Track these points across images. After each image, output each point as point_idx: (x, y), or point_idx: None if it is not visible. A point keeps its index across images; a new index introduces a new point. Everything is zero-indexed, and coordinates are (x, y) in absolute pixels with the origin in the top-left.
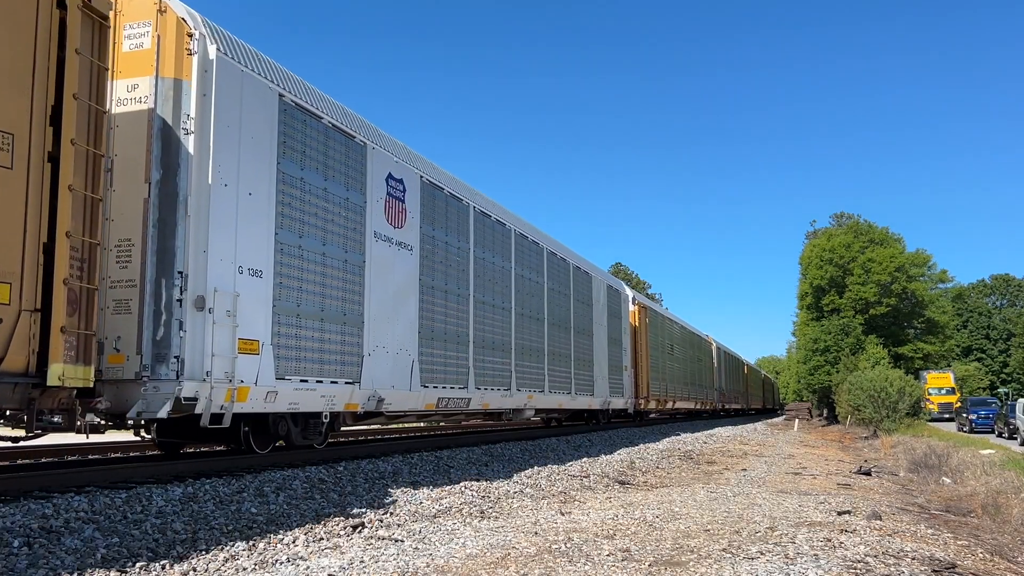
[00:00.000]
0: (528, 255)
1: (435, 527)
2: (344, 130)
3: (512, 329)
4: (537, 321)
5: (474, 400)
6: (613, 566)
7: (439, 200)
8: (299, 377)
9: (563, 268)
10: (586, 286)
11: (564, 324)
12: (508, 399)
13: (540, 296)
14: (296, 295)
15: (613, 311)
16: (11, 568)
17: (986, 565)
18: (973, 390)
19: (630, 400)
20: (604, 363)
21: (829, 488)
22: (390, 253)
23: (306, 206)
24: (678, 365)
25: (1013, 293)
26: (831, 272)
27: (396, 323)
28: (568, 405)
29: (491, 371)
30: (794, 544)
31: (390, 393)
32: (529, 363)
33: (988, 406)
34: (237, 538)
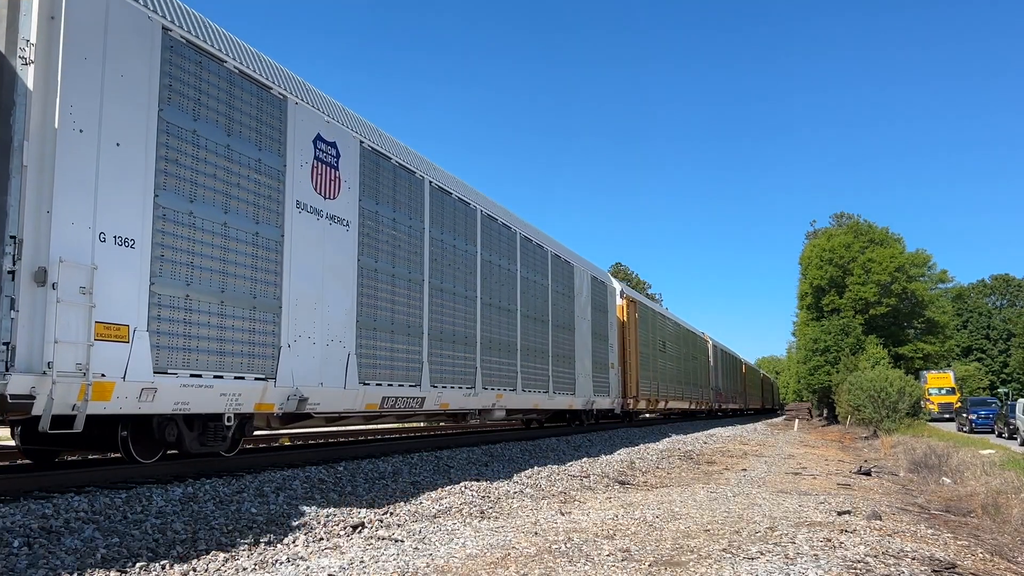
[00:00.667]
0: (497, 239)
1: (435, 527)
2: (256, 79)
3: (477, 321)
4: (508, 313)
5: (430, 399)
6: (613, 566)
7: (385, 171)
8: (189, 371)
9: (540, 256)
10: (567, 276)
11: (541, 317)
12: (472, 399)
13: (512, 285)
14: (185, 272)
15: (598, 304)
16: (11, 568)
17: (986, 565)
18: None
19: (617, 400)
20: (587, 360)
21: (829, 488)
22: (318, 228)
23: (201, 165)
24: (671, 363)
25: (1013, 293)
26: (831, 272)
27: (326, 310)
28: (545, 405)
29: (451, 367)
30: (794, 544)
31: (317, 391)
32: (498, 359)
33: (988, 406)
34: (237, 538)
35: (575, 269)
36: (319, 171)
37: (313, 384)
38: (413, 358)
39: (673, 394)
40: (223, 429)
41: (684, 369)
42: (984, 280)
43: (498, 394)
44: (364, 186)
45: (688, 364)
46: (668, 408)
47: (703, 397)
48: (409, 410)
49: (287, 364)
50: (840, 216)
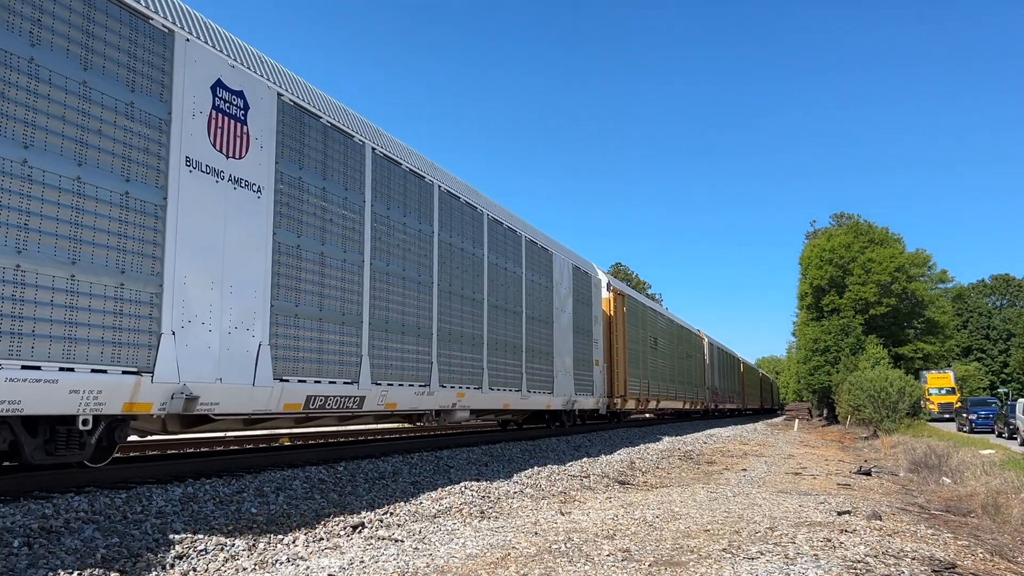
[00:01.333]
0: (459, 220)
1: (435, 527)
2: (128, 4)
3: (434, 310)
4: (473, 302)
5: (372, 399)
6: (613, 566)
7: (312, 131)
8: (20, 362)
9: (512, 240)
10: (544, 264)
11: (513, 308)
12: (426, 398)
13: (477, 272)
14: (16, 236)
15: (581, 297)
16: (11, 568)
17: (986, 565)
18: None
19: (603, 399)
20: (568, 356)
21: (829, 488)
22: (218, 192)
23: (41, 103)
24: (663, 361)
25: (1013, 293)
26: (831, 272)
27: (228, 291)
28: (518, 405)
29: (400, 362)
30: (794, 544)
31: (214, 389)
32: (460, 353)
33: (988, 406)
34: (237, 538)
35: (554, 257)
36: (220, 124)
37: (208, 380)
38: (349, 351)
39: (666, 393)
40: (79, 435)
41: (678, 367)
42: (984, 280)
43: (459, 392)
44: (283, 147)
45: (682, 362)
46: (660, 408)
47: (698, 397)
48: (344, 411)
49: (170, 355)
50: (840, 216)
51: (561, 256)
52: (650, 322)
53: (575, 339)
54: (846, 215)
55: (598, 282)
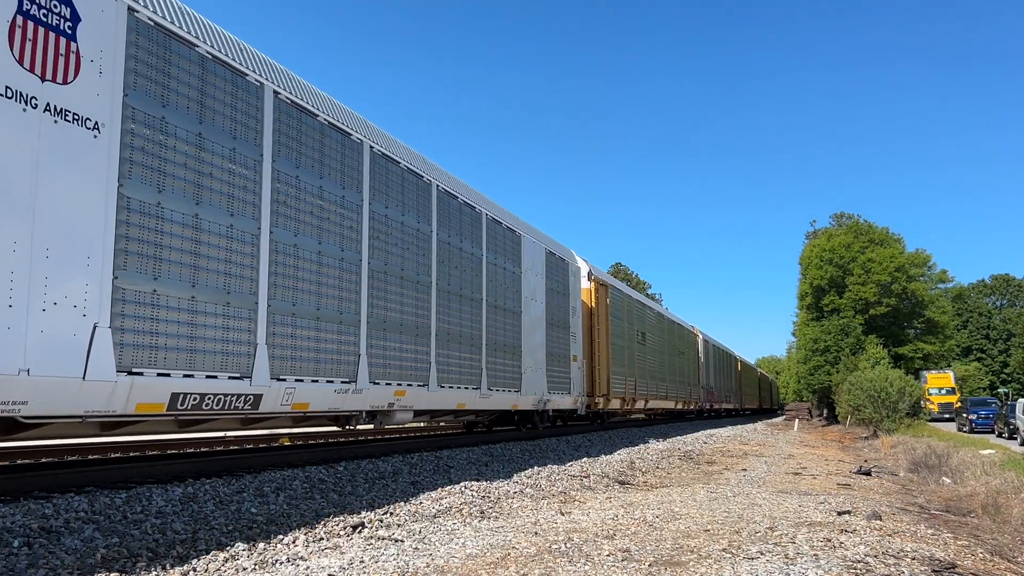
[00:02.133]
0: (399, 189)
1: (435, 527)
2: None
3: (363, 294)
4: (417, 285)
5: (271, 397)
6: (613, 566)
7: (183, 63)
8: None
9: (469, 217)
10: (510, 247)
11: (471, 295)
12: (352, 397)
13: (423, 251)
14: None
15: (557, 286)
16: (11, 568)
17: (986, 565)
18: (973, 390)
19: (581, 399)
20: (540, 351)
21: (829, 488)
22: (24, 123)
23: None
24: (652, 358)
25: (1013, 293)
26: (831, 272)
27: (43, 254)
28: (476, 405)
29: (313, 353)
30: (794, 544)
31: (15, 383)
32: (400, 344)
33: (988, 406)
34: (237, 538)
35: (523, 240)
36: (30, 34)
37: (10, 371)
38: (237, 338)
39: (655, 392)
40: None
41: (669, 365)
42: (984, 280)
43: (398, 390)
44: (136, 75)
45: (674, 359)
46: (649, 408)
47: (692, 396)
48: (232, 412)
49: None
50: (840, 216)
51: (532, 239)
52: (637, 316)
53: (549, 332)
54: (846, 215)
55: (576, 270)
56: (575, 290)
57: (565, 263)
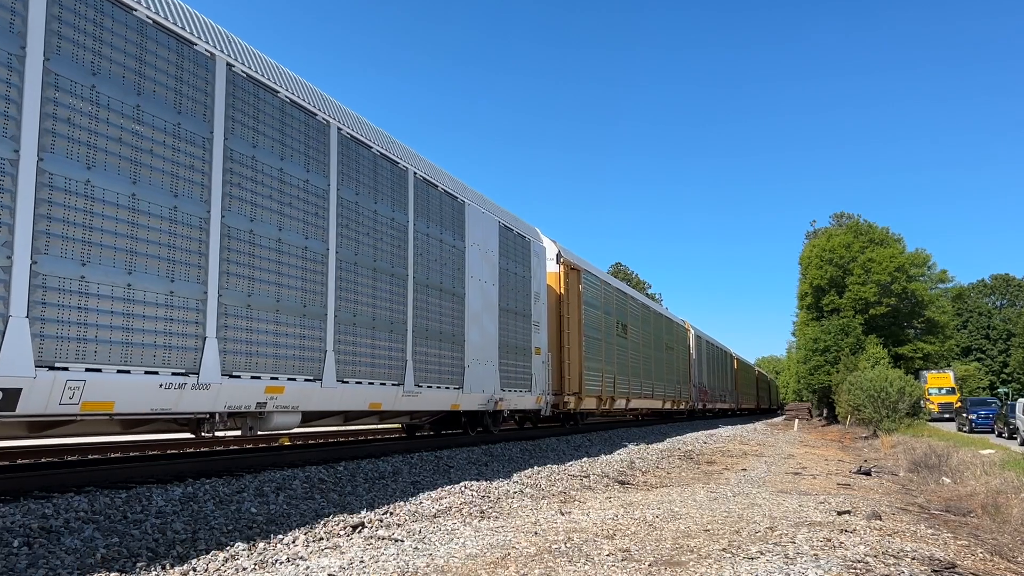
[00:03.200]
0: (278, 129)
1: (435, 527)
2: None
3: (211, 258)
4: (305, 253)
5: (39, 392)
6: (613, 566)
7: (121, 27)
8: None
9: (388, 173)
10: (450, 216)
11: (388, 269)
12: (195, 393)
13: (319, 211)
14: None
15: (515, 268)
16: (11, 568)
17: (986, 565)
18: (973, 390)
19: (547, 397)
20: (491, 342)
21: (829, 488)
22: None
23: None
24: (635, 353)
25: (1013, 293)
26: (831, 272)
27: None
28: (397, 405)
29: (122, 333)
30: (794, 544)
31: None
32: (277, 325)
33: (988, 406)
34: (237, 538)
35: (468, 209)
36: None
37: None
38: None
39: (639, 391)
40: None
41: (655, 360)
42: (984, 280)
43: (272, 386)
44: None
45: (661, 355)
46: (632, 408)
47: (682, 395)
48: None
49: None
50: (840, 216)
51: (480, 209)
52: (617, 305)
53: (504, 320)
54: (846, 215)
55: (541, 251)
56: (539, 273)
57: (526, 241)
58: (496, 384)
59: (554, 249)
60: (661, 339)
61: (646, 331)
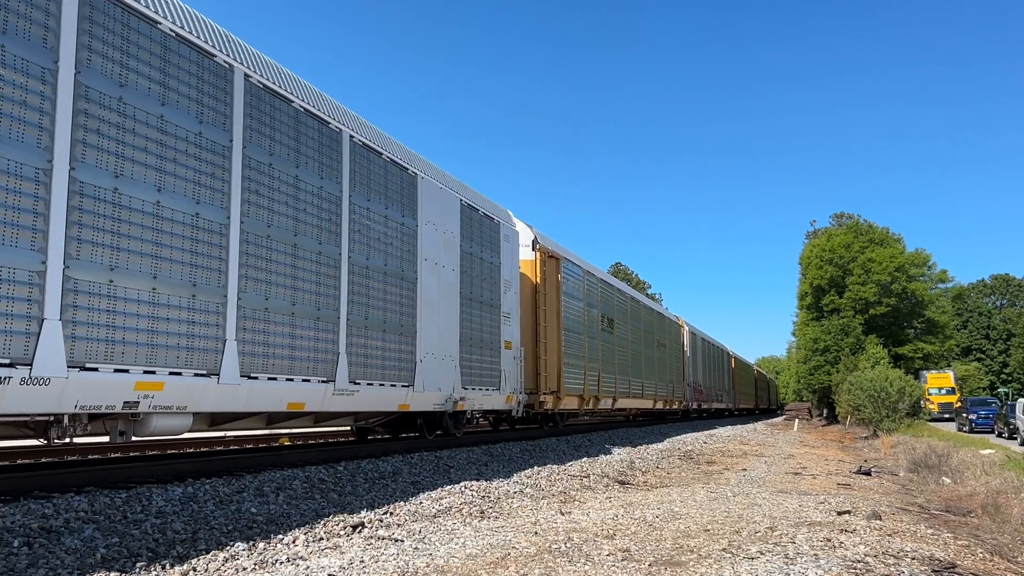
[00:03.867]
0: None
1: (435, 527)
2: None
3: (53, 212)
4: (196, 220)
5: None
6: (613, 566)
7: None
8: None
9: (315, 134)
10: (397, 189)
11: (313, 247)
12: (23, 391)
13: (220, 175)
14: None
15: (481, 253)
16: (11, 568)
17: (986, 565)
18: (973, 390)
19: (519, 396)
20: (450, 334)
21: (829, 488)
22: None
23: None
24: (623, 349)
25: (1013, 293)
26: (831, 272)
27: None
28: (328, 405)
29: None
30: (794, 544)
31: None
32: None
33: (988, 406)
34: (237, 538)
35: (420, 182)
36: None
37: None
38: None
39: (627, 390)
40: None
41: (645, 358)
42: (984, 280)
43: (145, 382)
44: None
45: (652, 352)
46: (619, 409)
47: (675, 395)
48: None
49: None
50: (840, 216)
51: (437, 184)
52: (602, 297)
53: (467, 311)
54: (846, 215)
55: (513, 235)
56: (510, 260)
57: (495, 224)
58: (456, 382)
59: (529, 234)
60: (652, 335)
61: (635, 326)
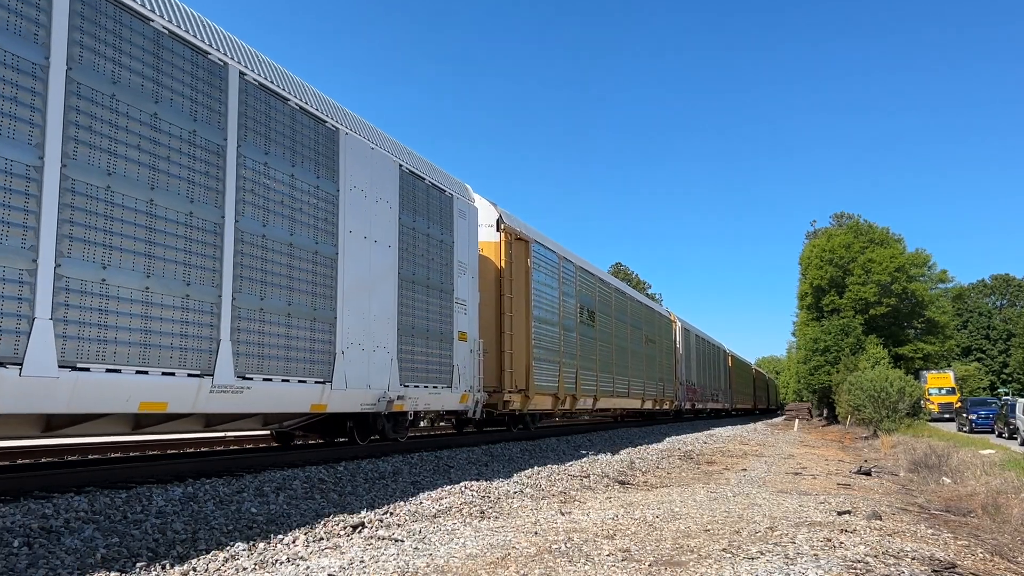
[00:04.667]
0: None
1: (435, 527)
2: None
3: None
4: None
5: None
6: (613, 566)
7: None
8: None
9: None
10: (311, 145)
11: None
12: None
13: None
14: None
15: (427, 229)
16: (11, 568)
17: (986, 565)
18: (973, 390)
19: (477, 395)
20: (385, 322)
21: (829, 488)
22: None
23: None
24: (605, 345)
25: (1013, 293)
26: (831, 272)
27: None
28: (203, 405)
29: None
30: (794, 544)
31: None
32: None
33: (988, 406)
34: (237, 538)
35: (343, 139)
36: None
37: None
38: None
39: (609, 388)
40: None
41: (632, 355)
42: (984, 280)
43: None
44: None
45: (640, 349)
46: (601, 409)
47: (665, 394)
48: None
49: None
50: (840, 216)
51: (367, 143)
52: (582, 287)
53: (407, 294)
54: (846, 215)
55: (471, 212)
56: (467, 240)
57: (448, 198)
58: (393, 378)
59: (493, 212)
60: (640, 330)
61: (621, 320)
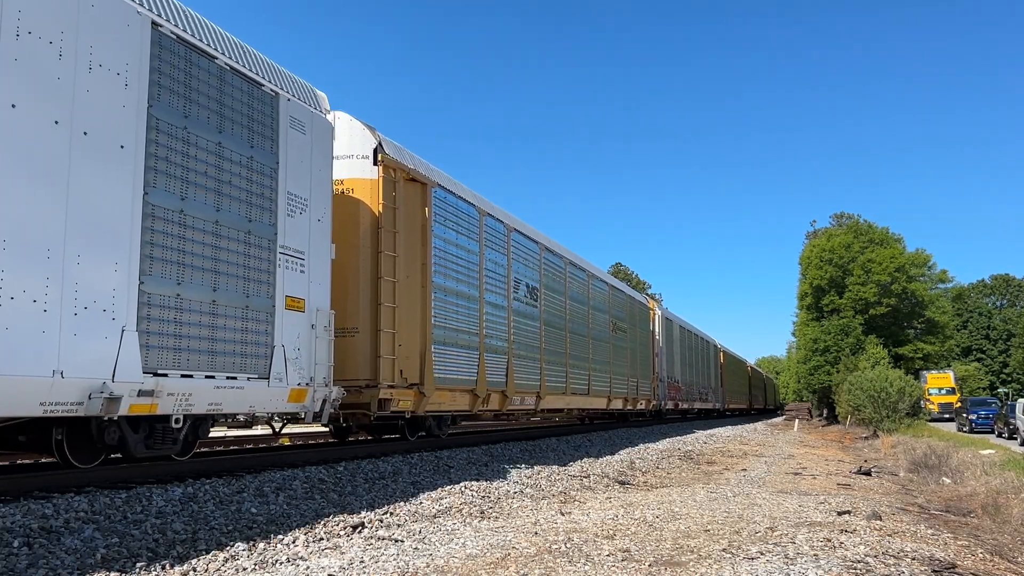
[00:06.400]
0: None
1: (435, 527)
2: None
3: None
4: None
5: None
6: (613, 566)
7: None
8: None
9: None
10: None
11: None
12: None
13: None
14: None
15: (213, 137)
16: (11, 568)
17: (986, 565)
18: (973, 390)
19: (319, 392)
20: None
21: (829, 488)
22: None
23: None
24: (554, 331)
25: (1013, 293)
26: (831, 272)
27: None
28: None
29: None
30: (794, 544)
31: None
32: None
33: (988, 406)
34: (237, 538)
35: None
36: None
37: None
38: None
39: (560, 384)
40: None
41: (594, 345)
42: (984, 280)
43: None
44: None
45: (605, 337)
46: (549, 409)
47: (640, 392)
48: None
49: None
50: (840, 216)
51: None
52: (516, 255)
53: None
54: (846, 215)
55: (322, 128)
56: (307, 165)
57: (269, 97)
58: (129, 358)
59: (368, 138)
60: (606, 315)
61: (577, 301)
